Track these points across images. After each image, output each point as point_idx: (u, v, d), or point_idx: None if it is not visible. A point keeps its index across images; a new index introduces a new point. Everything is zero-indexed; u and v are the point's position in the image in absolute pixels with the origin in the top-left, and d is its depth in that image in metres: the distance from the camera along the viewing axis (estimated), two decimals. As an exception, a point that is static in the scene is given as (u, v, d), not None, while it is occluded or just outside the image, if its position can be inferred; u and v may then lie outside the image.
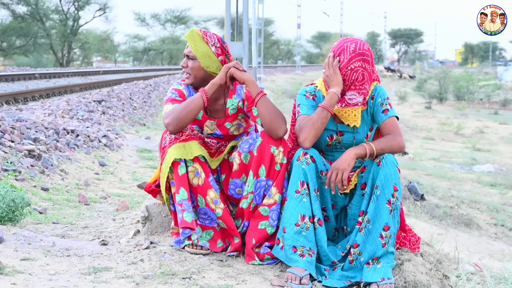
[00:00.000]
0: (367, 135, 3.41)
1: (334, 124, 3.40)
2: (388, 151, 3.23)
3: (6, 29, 48.98)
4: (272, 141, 3.33)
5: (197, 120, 3.52)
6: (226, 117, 3.53)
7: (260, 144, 3.34)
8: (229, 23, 12.47)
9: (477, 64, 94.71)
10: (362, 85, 3.27)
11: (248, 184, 3.37)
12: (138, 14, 71.03)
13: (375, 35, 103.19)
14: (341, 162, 3.20)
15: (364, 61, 3.26)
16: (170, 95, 3.48)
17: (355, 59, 3.25)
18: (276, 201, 3.35)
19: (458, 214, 9.47)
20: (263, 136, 3.35)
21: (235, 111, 3.53)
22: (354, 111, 3.30)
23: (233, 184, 3.46)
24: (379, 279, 3.11)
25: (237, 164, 3.41)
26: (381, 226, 3.18)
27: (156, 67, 49.61)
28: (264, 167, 3.34)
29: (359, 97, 3.28)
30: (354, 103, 3.29)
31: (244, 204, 3.39)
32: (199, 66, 3.46)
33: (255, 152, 3.35)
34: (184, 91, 3.50)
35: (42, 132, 7.34)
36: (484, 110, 35.01)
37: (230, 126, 3.55)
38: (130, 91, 15.79)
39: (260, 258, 3.33)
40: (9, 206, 3.85)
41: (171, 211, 3.46)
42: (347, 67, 3.26)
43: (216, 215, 3.37)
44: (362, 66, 3.26)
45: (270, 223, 3.35)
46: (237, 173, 3.43)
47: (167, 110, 3.38)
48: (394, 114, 3.34)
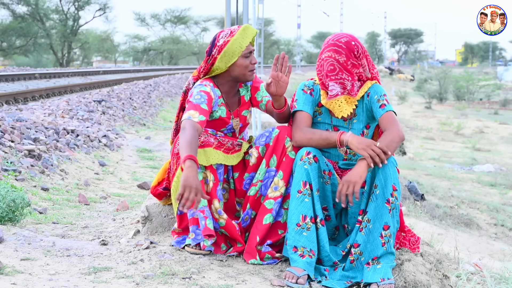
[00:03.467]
0: (363, 132, 3.42)
1: (329, 118, 3.43)
2: (392, 146, 3.19)
3: (6, 29, 48.97)
4: (288, 133, 3.38)
5: (221, 118, 3.49)
6: (242, 105, 3.57)
7: (277, 134, 3.39)
8: (229, 23, 12.47)
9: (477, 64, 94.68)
10: (336, 75, 3.30)
11: (260, 172, 3.39)
12: (138, 14, 71.06)
13: (375, 35, 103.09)
14: (353, 175, 3.15)
15: (335, 51, 3.29)
16: (198, 98, 3.32)
17: (326, 50, 3.32)
18: (282, 194, 3.35)
19: (458, 214, 9.47)
20: (279, 128, 3.41)
21: (249, 97, 3.60)
22: (337, 102, 3.33)
23: (249, 178, 3.46)
24: (379, 279, 3.11)
25: (255, 158, 3.43)
26: (381, 226, 3.18)
27: (156, 67, 49.60)
28: (275, 157, 3.37)
29: (337, 86, 3.32)
30: (335, 94, 3.32)
31: (252, 191, 3.41)
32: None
33: (271, 143, 3.39)
34: (212, 93, 3.42)
35: (42, 132, 7.34)
36: (484, 110, 35.00)
37: (247, 113, 3.61)
38: (130, 91, 15.79)
39: (261, 256, 3.34)
40: (9, 206, 3.85)
41: (177, 215, 3.45)
42: (320, 57, 3.36)
43: (219, 224, 3.36)
44: (332, 56, 3.29)
45: (274, 216, 3.36)
46: (255, 166, 3.43)
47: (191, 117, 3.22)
48: (391, 109, 3.35)
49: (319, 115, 3.44)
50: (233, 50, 3.37)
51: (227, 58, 3.38)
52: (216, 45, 3.41)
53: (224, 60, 3.39)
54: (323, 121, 3.42)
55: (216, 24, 70.57)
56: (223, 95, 3.51)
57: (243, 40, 3.38)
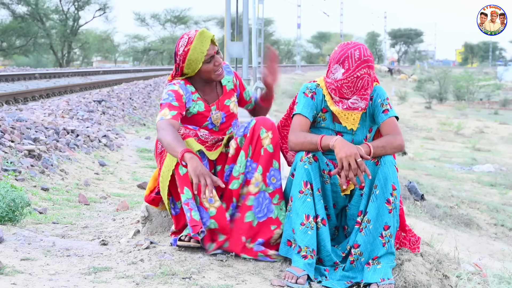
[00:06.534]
0: (366, 137, 3.40)
1: (333, 124, 3.40)
2: (389, 149, 3.21)
3: (6, 29, 49.01)
4: (263, 124, 3.41)
5: (199, 113, 3.51)
6: (224, 95, 3.59)
7: (253, 125, 3.42)
8: (229, 23, 12.47)
9: (477, 64, 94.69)
10: (366, 90, 3.27)
11: (240, 165, 3.39)
12: (138, 14, 71.10)
13: (375, 35, 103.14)
14: (346, 148, 3.09)
15: (369, 67, 3.25)
16: (166, 97, 3.41)
17: (361, 67, 3.22)
18: (260, 190, 3.36)
19: (458, 214, 9.47)
20: (256, 119, 3.46)
21: (232, 87, 3.63)
22: (353, 115, 3.31)
23: (229, 170, 3.46)
24: (379, 279, 3.11)
25: (233, 149, 3.45)
26: (381, 226, 3.18)
27: (156, 67, 49.64)
28: (251, 147, 3.40)
29: (361, 102, 3.28)
30: (355, 107, 3.28)
31: (235, 185, 3.39)
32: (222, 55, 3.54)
33: (248, 133, 3.42)
34: (180, 90, 3.46)
35: (42, 132, 7.34)
36: (484, 110, 35.00)
37: (230, 102, 3.60)
38: (130, 91, 15.80)
39: (253, 255, 3.33)
40: (9, 206, 3.85)
41: (172, 216, 3.45)
42: (352, 74, 3.23)
43: (209, 214, 3.33)
44: (367, 73, 3.24)
45: (255, 213, 3.35)
46: (233, 158, 3.45)
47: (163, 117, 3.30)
48: (394, 114, 3.33)
49: (322, 120, 3.40)
50: (195, 58, 3.41)
51: (192, 66, 3.44)
52: (178, 54, 3.46)
53: (190, 68, 3.45)
54: (327, 126, 3.39)
55: (216, 24, 70.60)
56: (198, 90, 3.54)
57: (203, 46, 3.40)
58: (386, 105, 3.33)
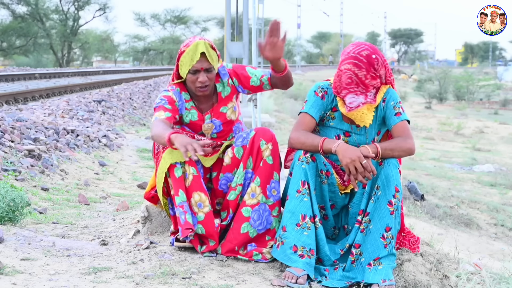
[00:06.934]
0: (373, 139, 3.37)
1: (343, 124, 3.38)
2: (397, 152, 3.19)
3: (6, 29, 48.99)
4: (263, 136, 3.39)
5: (192, 122, 3.50)
6: (219, 102, 3.53)
7: (253, 136, 3.40)
8: (229, 23, 12.48)
9: (477, 64, 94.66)
10: (353, 87, 3.22)
11: (238, 176, 3.40)
12: (138, 14, 71.00)
13: (375, 35, 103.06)
14: (349, 153, 3.10)
15: (355, 65, 3.19)
16: (159, 101, 3.42)
17: (346, 62, 3.22)
18: (259, 202, 3.36)
19: (458, 214, 9.47)
20: (256, 130, 3.43)
21: (229, 91, 3.54)
22: (359, 112, 3.27)
23: (224, 179, 3.46)
24: (380, 280, 3.12)
25: (229, 158, 3.44)
26: (382, 227, 3.18)
27: (156, 67, 49.63)
28: (251, 159, 3.39)
29: (359, 97, 3.25)
30: (356, 105, 3.25)
31: (232, 195, 3.41)
32: (214, 73, 3.45)
33: (248, 145, 3.40)
34: (174, 96, 3.45)
35: (42, 132, 7.34)
36: (484, 110, 34.98)
37: (226, 109, 3.54)
38: (130, 91, 15.80)
39: (248, 256, 3.34)
40: (9, 206, 3.86)
41: (170, 216, 3.45)
42: (338, 67, 3.27)
43: (197, 219, 3.32)
44: (351, 70, 3.20)
45: (252, 225, 3.35)
46: (229, 167, 3.44)
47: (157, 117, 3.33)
48: (406, 118, 3.29)
49: (331, 119, 3.38)
50: (185, 61, 3.39)
51: (182, 69, 3.42)
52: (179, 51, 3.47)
53: (181, 70, 3.44)
54: (335, 126, 3.37)
55: (216, 24, 70.59)
56: (193, 98, 3.51)
57: (194, 55, 3.36)
58: (399, 108, 3.30)
